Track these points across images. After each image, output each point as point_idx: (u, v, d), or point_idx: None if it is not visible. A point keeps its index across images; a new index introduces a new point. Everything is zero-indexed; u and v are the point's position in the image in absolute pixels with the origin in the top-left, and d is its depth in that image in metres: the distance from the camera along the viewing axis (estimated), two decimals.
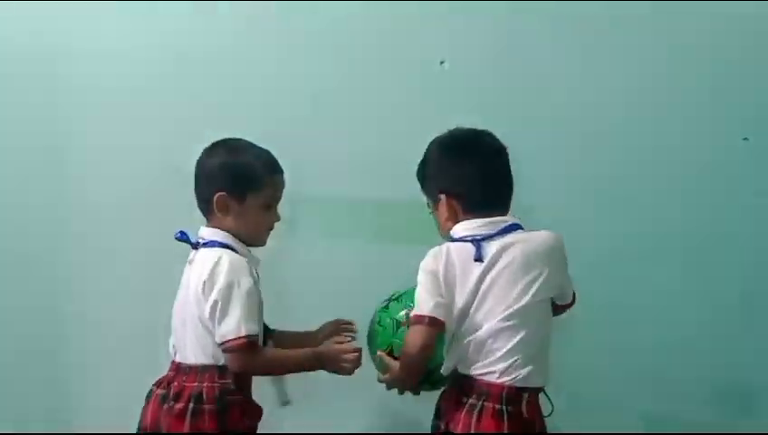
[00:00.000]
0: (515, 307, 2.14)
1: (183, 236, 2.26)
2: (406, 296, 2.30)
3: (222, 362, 2.19)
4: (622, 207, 2.75)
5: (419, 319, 2.15)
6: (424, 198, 2.31)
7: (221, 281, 2.15)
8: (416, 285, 2.18)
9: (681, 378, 2.74)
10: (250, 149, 2.29)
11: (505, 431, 2.09)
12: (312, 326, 2.46)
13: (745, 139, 2.77)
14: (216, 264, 2.17)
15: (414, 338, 2.15)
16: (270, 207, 2.30)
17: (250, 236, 2.29)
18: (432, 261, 2.20)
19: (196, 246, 2.25)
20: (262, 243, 2.32)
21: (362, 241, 2.76)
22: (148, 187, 2.72)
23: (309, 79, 2.77)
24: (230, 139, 2.32)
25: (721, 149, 2.76)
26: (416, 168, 2.31)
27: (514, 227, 2.21)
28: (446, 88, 2.77)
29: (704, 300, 2.75)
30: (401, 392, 2.28)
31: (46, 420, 2.76)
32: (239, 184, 2.25)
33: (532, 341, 2.15)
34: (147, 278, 2.68)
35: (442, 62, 2.79)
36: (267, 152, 2.31)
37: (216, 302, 2.15)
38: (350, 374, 2.21)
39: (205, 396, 2.17)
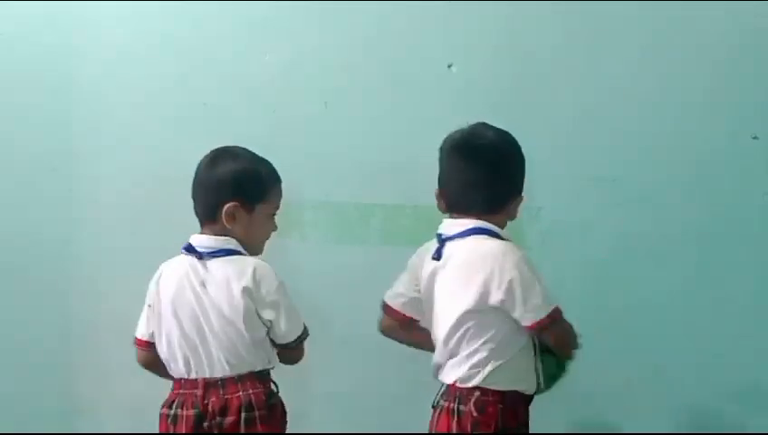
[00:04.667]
0: (459, 312, 2.11)
1: (190, 248, 2.25)
2: None
3: (259, 367, 2.22)
4: (631, 207, 2.74)
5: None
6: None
7: (273, 283, 2.20)
8: None
9: (688, 378, 2.74)
10: (255, 159, 2.29)
11: (453, 429, 2.11)
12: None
13: (755, 137, 2.76)
14: (255, 270, 2.19)
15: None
16: (273, 216, 2.31)
17: (252, 246, 2.29)
18: (415, 255, 2.25)
19: (201, 256, 2.23)
20: (261, 252, 2.31)
21: (370, 244, 2.76)
22: (161, 190, 2.74)
23: (317, 83, 2.79)
24: (230, 147, 2.31)
25: (730, 148, 2.75)
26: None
27: (477, 231, 2.14)
28: (453, 91, 2.78)
29: (713, 300, 2.74)
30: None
31: (56, 422, 2.80)
32: (251, 194, 2.25)
33: (485, 346, 2.11)
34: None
35: (450, 66, 2.80)
36: (268, 162, 2.31)
37: (275, 303, 2.19)
38: None
39: (254, 403, 2.19)
